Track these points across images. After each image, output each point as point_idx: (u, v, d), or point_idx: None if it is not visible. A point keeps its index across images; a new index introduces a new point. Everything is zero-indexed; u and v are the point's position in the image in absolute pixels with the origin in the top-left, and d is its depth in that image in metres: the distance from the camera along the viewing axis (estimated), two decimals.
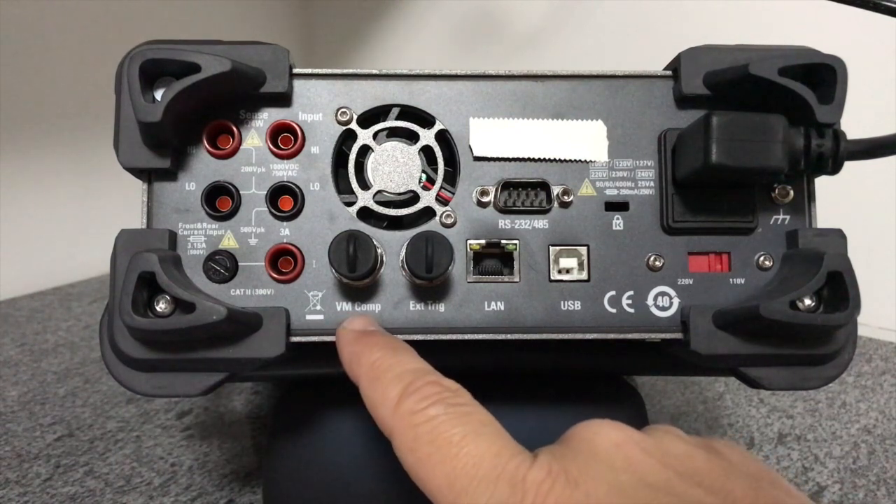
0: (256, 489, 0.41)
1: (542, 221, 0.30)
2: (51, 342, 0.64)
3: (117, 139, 0.28)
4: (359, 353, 0.26)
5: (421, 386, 0.24)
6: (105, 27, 0.84)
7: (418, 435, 0.22)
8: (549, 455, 0.22)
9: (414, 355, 0.26)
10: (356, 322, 0.28)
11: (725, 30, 0.74)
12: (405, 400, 0.23)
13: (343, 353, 0.27)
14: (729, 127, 0.26)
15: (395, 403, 0.23)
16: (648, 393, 0.55)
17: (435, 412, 0.23)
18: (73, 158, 0.84)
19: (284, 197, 0.30)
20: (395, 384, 0.24)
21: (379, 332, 0.28)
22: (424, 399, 0.23)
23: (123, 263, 0.27)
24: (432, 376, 0.24)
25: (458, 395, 0.24)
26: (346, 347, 0.27)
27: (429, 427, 0.22)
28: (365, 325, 0.28)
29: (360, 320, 0.28)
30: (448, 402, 0.23)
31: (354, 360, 0.26)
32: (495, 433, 0.22)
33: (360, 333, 0.27)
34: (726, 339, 0.28)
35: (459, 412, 0.23)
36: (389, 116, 0.31)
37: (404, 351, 0.26)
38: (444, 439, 0.22)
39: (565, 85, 0.31)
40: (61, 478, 0.42)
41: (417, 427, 0.22)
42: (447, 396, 0.23)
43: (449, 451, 0.22)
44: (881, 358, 0.64)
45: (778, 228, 0.30)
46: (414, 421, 0.23)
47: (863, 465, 0.46)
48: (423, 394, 0.23)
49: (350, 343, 0.27)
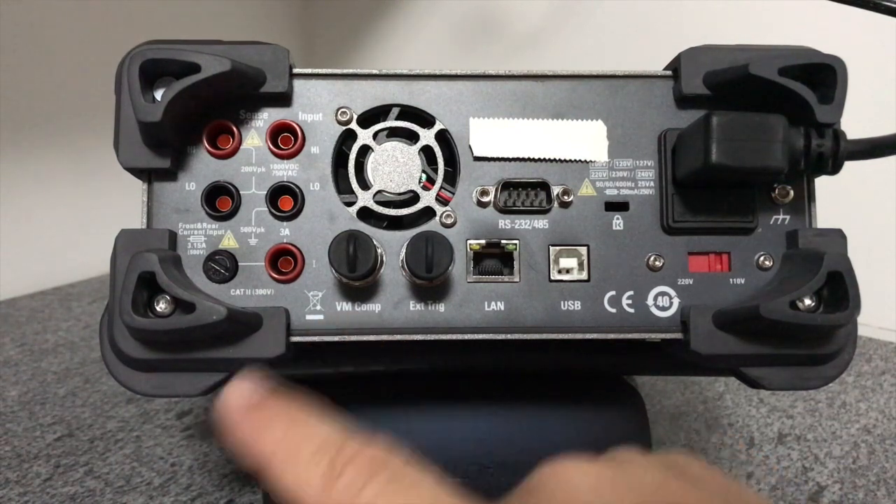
0: (256, 489, 0.41)
1: (542, 221, 0.30)
2: (51, 342, 0.64)
3: (117, 139, 0.28)
4: (255, 433, 0.21)
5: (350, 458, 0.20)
6: (105, 27, 0.84)
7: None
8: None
9: (324, 419, 0.22)
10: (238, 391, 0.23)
11: (725, 30, 0.74)
12: (334, 483, 0.20)
13: (233, 436, 0.22)
14: (729, 127, 0.26)
15: (322, 489, 0.20)
16: (648, 393, 0.55)
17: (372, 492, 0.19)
18: (73, 158, 0.84)
19: (284, 197, 0.30)
20: (317, 462, 0.20)
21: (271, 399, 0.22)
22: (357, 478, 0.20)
23: (123, 263, 0.27)
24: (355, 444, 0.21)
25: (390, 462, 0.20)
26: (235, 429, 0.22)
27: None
28: (252, 394, 0.23)
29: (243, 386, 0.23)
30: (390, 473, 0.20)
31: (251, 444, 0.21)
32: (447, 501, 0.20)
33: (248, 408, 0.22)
34: (726, 339, 0.28)
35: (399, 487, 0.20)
36: (389, 116, 0.31)
37: (313, 414, 0.22)
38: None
39: (565, 85, 0.31)
40: (61, 478, 0.42)
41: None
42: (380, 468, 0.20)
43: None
44: (881, 358, 0.64)
45: (778, 228, 0.30)
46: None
47: (863, 465, 0.46)
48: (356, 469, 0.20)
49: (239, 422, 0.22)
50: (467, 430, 0.34)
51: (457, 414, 0.35)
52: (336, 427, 0.21)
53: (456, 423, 0.34)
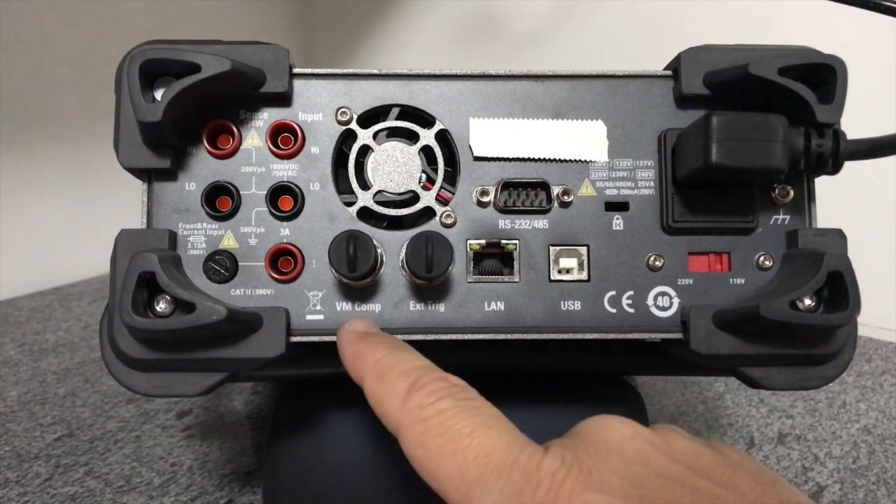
0: (256, 489, 0.41)
1: (542, 221, 0.30)
2: (51, 342, 0.64)
3: (117, 139, 0.28)
4: (362, 352, 0.26)
5: (428, 381, 0.24)
6: (105, 27, 0.84)
7: (428, 428, 0.22)
8: (560, 447, 0.22)
9: (418, 354, 0.26)
10: (357, 324, 0.28)
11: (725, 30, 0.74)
12: (413, 395, 0.23)
13: (345, 353, 0.27)
14: (729, 127, 0.26)
15: (403, 398, 0.23)
16: (648, 393, 0.55)
17: (444, 405, 0.23)
18: (73, 158, 0.84)
19: (284, 197, 0.30)
20: (402, 380, 0.24)
21: (380, 334, 0.28)
22: (433, 394, 0.23)
23: (123, 263, 0.27)
24: (438, 373, 0.25)
25: (465, 391, 0.24)
26: (348, 347, 0.27)
27: (438, 420, 0.22)
28: (367, 327, 0.28)
29: (361, 322, 0.28)
30: (457, 397, 0.23)
31: (358, 359, 0.26)
32: (505, 426, 0.22)
33: (361, 334, 0.27)
34: (726, 339, 0.28)
35: (469, 406, 0.23)
36: (389, 116, 0.31)
37: (408, 349, 0.26)
38: (455, 431, 0.22)
39: (565, 85, 0.31)
40: (61, 478, 0.42)
41: (427, 420, 0.22)
42: (455, 391, 0.23)
43: (460, 442, 0.22)
44: (881, 358, 0.64)
45: (778, 228, 0.30)
46: (423, 415, 0.23)
47: (863, 465, 0.46)
48: (431, 388, 0.23)
49: (352, 343, 0.27)
50: None
51: None
52: (425, 360, 0.26)
53: None
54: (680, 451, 0.22)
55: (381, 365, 0.25)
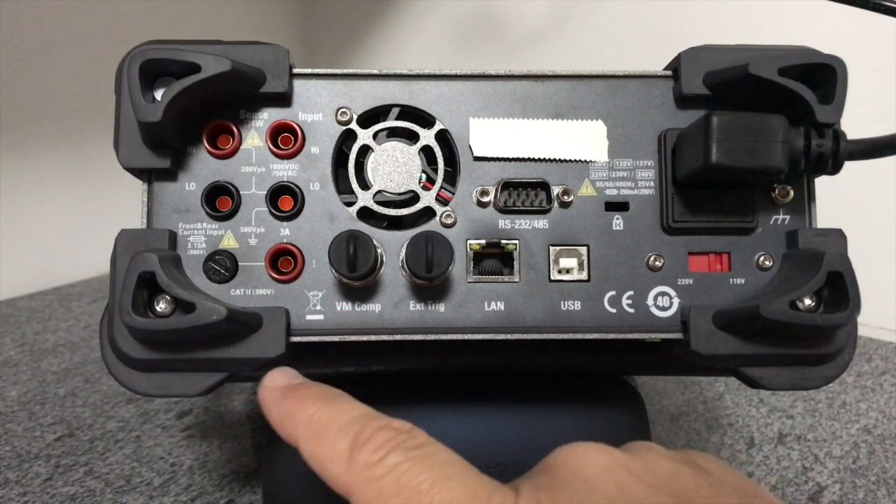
0: (256, 489, 0.41)
1: (542, 221, 0.30)
2: (51, 342, 0.64)
3: (117, 139, 0.28)
4: (290, 412, 0.24)
5: (372, 433, 0.21)
6: (105, 27, 0.84)
7: (382, 489, 0.20)
8: (532, 487, 0.20)
9: (352, 401, 0.24)
10: (277, 377, 0.26)
11: (725, 30, 0.74)
12: (358, 453, 0.21)
13: (271, 414, 0.24)
14: (729, 127, 0.26)
15: (348, 459, 0.21)
16: (648, 393, 0.55)
17: (394, 460, 0.20)
18: (73, 158, 0.84)
19: (284, 197, 0.30)
20: (342, 437, 0.22)
21: (307, 384, 0.25)
22: (380, 448, 0.21)
23: (123, 263, 0.27)
24: (381, 420, 0.22)
25: (413, 437, 0.22)
26: (273, 408, 0.24)
27: (392, 479, 0.20)
28: (288, 379, 0.25)
29: (281, 374, 0.26)
30: (406, 447, 0.21)
31: (288, 420, 0.23)
32: (465, 472, 0.21)
33: (285, 389, 0.25)
34: (726, 339, 0.28)
35: (421, 455, 0.21)
36: (389, 116, 0.31)
37: (342, 398, 0.24)
38: (413, 490, 0.20)
39: (565, 85, 0.31)
40: (61, 478, 0.42)
41: (379, 480, 0.20)
42: (403, 440, 0.21)
43: (420, 501, 0.19)
44: (881, 358, 0.64)
45: (778, 228, 0.30)
46: (373, 474, 0.20)
47: (863, 465, 0.46)
48: (376, 442, 0.21)
49: (277, 402, 0.24)
50: (467, 431, 0.34)
51: (456, 414, 0.35)
52: (362, 408, 0.23)
53: (456, 423, 0.34)
54: (661, 476, 0.21)
55: (314, 423, 0.23)
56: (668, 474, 0.21)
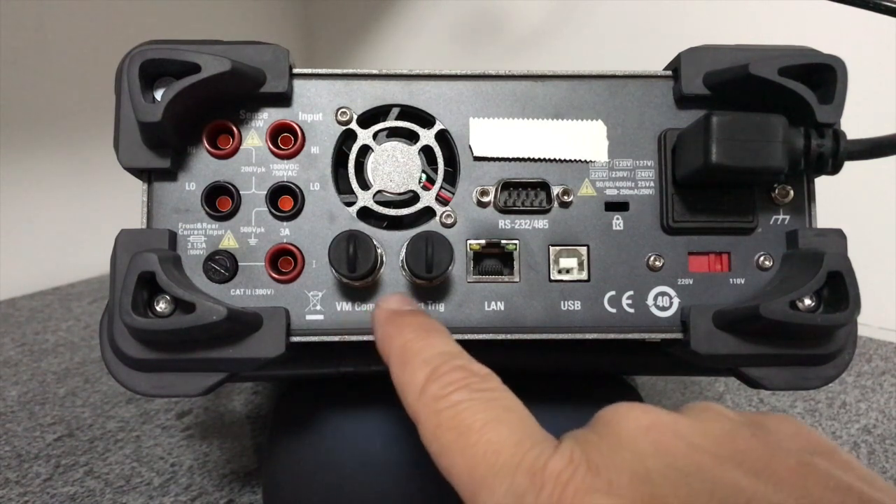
0: (256, 489, 0.41)
1: (542, 221, 0.30)
2: (51, 342, 0.64)
3: (117, 139, 0.28)
4: (391, 335, 0.25)
5: (447, 371, 0.23)
6: (105, 27, 0.84)
7: (441, 422, 0.22)
8: (572, 441, 0.21)
9: (445, 337, 0.25)
10: (391, 300, 0.28)
11: (725, 30, 0.73)
12: (430, 385, 0.23)
13: (376, 332, 0.26)
14: (729, 127, 0.26)
15: (421, 388, 0.23)
16: (648, 393, 0.55)
17: (458, 398, 0.22)
18: (73, 158, 0.84)
19: (284, 197, 0.30)
20: (422, 368, 0.23)
21: (412, 312, 0.27)
22: (449, 385, 0.22)
23: (123, 263, 0.27)
24: (460, 360, 0.24)
25: (485, 381, 0.23)
26: (379, 327, 0.26)
27: (451, 413, 0.22)
28: (400, 304, 0.27)
29: (395, 298, 0.28)
30: (473, 388, 0.22)
31: (386, 341, 0.25)
32: (519, 420, 0.22)
33: (393, 313, 0.26)
34: (726, 339, 0.28)
35: (484, 398, 0.22)
36: (389, 116, 0.31)
37: (436, 333, 0.25)
38: (466, 426, 0.21)
39: (565, 85, 0.31)
40: (61, 478, 0.42)
41: (440, 413, 0.22)
42: (473, 382, 0.23)
43: (469, 438, 0.21)
44: (881, 358, 0.64)
45: (778, 228, 0.30)
46: (437, 407, 0.22)
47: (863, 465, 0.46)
48: (448, 379, 0.23)
49: (383, 323, 0.26)
50: None
51: None
52: (452, 346, 0.24)
53: None
54: (710, 436, 0.20)
55: (405, 350, 0.24)
56: (721, 435, 0.21)
